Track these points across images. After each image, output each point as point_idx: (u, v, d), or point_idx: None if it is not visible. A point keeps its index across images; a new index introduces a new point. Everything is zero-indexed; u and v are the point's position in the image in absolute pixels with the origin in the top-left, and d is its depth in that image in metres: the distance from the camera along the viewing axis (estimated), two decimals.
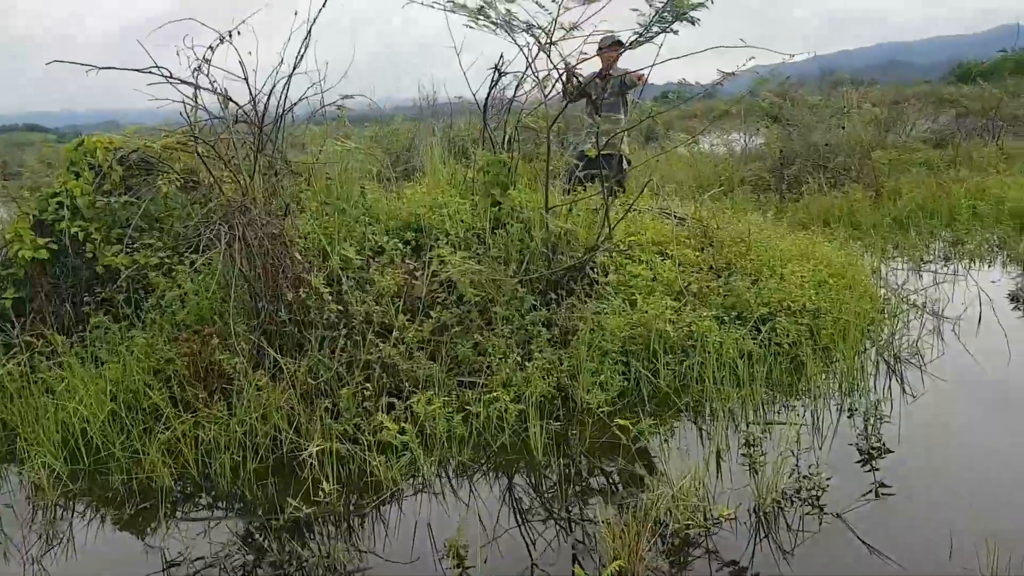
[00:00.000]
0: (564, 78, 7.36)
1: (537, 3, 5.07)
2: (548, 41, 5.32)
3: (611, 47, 7.51)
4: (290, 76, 4.97)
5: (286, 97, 5.13)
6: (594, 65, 7.88)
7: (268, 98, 5.02)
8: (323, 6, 4.80)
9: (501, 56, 5.86)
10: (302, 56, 4.92)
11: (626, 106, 7.78)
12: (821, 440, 3.98)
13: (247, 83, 4.88)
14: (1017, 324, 5.56)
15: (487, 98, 6.08)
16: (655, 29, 5.03)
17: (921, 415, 4.21)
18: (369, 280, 4.96)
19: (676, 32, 5.02)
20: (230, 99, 4.91)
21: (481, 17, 5.27)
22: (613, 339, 4.70)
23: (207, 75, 4.72)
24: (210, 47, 4.67)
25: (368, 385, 4.28)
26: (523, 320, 4.89)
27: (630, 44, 5.36)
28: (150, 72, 4.53)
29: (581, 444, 4.08)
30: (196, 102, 4.77)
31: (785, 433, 3.87)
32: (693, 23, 4.99)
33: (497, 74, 6.01)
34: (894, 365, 4.92)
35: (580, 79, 7.62)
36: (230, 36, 4.69)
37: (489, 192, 5.88)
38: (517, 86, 6.04)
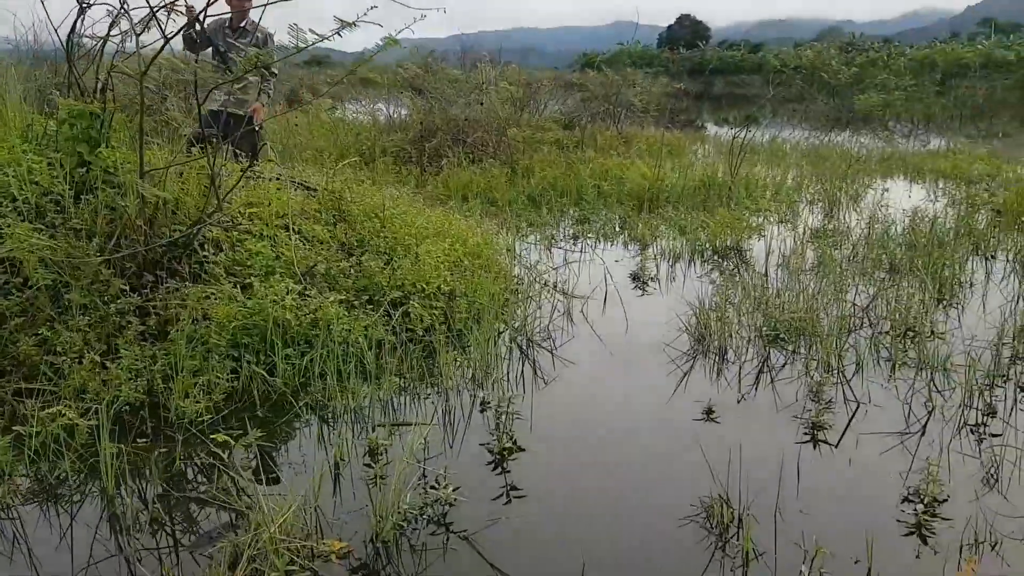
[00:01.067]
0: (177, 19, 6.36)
1: None
2: None
3: None
4: None
5: None
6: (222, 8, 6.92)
7: None
8: None
9: None
10: None
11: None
12: (452, 439, 3.57)
13: None
14: (638, 303, 5.66)
15: (70, 35, 4.91)
16: None
17: (551, 405, 3.98)
18: None
19: None
20: None
21: None
22: (221, 330, 3.93)
23: None
24: None
25: None
26: (107, 309, 3.93)
27: None
28: None
29: (169, 467, 3.28)
30: None
31: (414, 435, 3.41)
32: None
33: (82, 6, 4.87)
34: (527, 350, 4.70)
35: (202, 25, 6.63)
36: None
37: (75, 150, 4.76)
38: (112, 23, 4.94)
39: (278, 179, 5.63)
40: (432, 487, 3.06)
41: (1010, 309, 5.29)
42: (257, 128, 6.84)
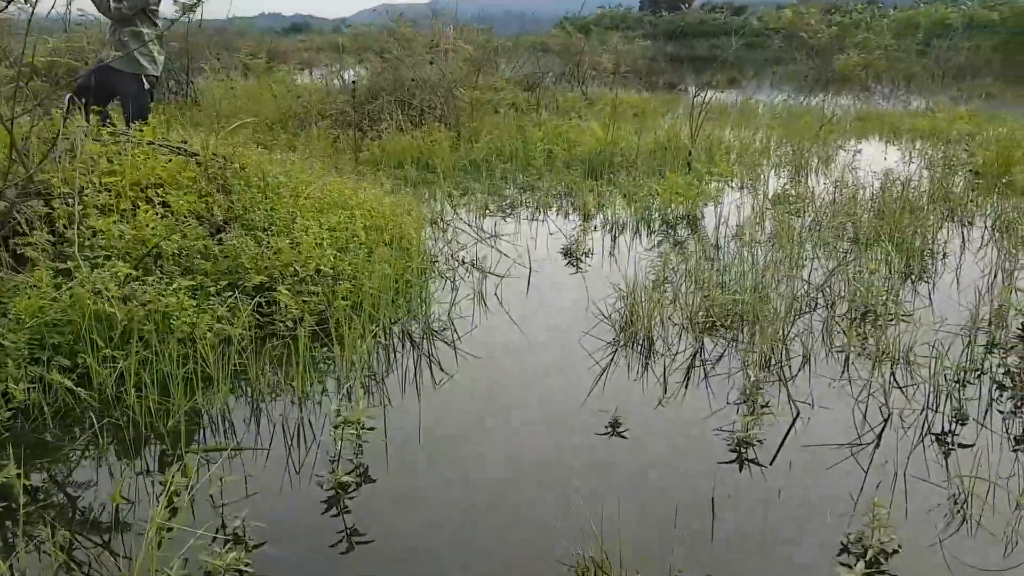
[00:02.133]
0: None
1: None
2: None
3: None
4: None
5: None
6: None
7: None
8: None
9: None
10: None
11: (153, 19, 6.08)
12: (290, 467, 2.82)
13: None
14: (566, 283, 4.89)
15: None
16: None
17: (433, 415, 3.22)
18: None
19: None
20: None
21: None
22: (22, 327, 3.14)
23: None
24: None
25: None
26: None
27: None
28: None
29: None
30: None
31: (225, 464, 2.66)
32: None
33: None
34: (421, 342, 3.94)
35: None
36: None
37: None
38: None
39: (151, 144, 4.81)
40: (231, 539, 2.31)
41: (986, 284, 4.55)
42: (147, 88, 6.00)
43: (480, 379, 3.61)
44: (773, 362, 3.64)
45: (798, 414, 3.20)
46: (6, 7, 3.50)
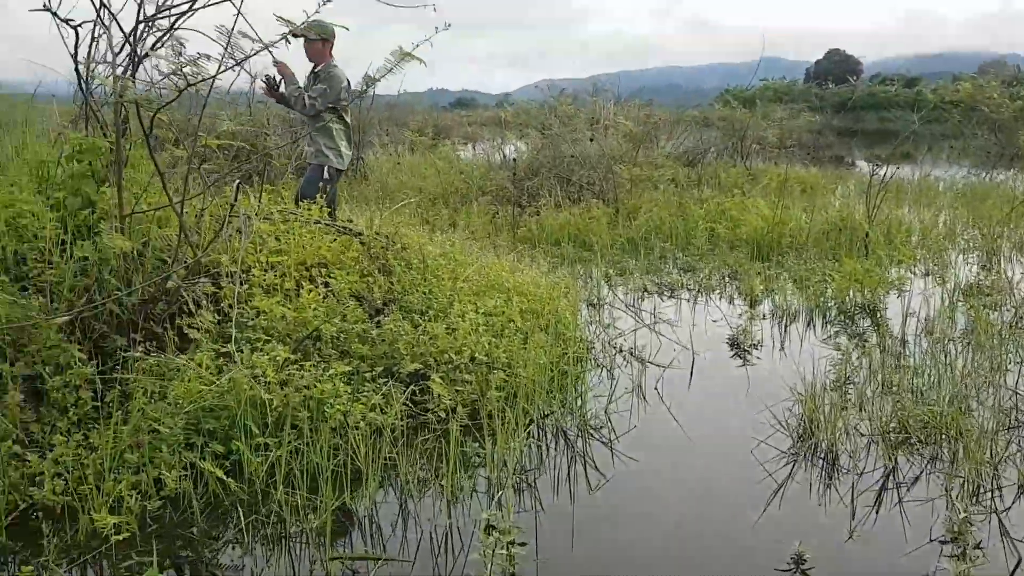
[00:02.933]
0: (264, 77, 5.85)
1: None
2: None
3: (306, 40, 5.89)
4: None
5: None
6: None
7: None
8: None
9: None
10: None
11: (343, 114, 6.13)
12: None
13: None
14: (733, 377, 4.49)
15: (81, 60, 4.31)
16: None
17: (587, 528, 2.92)
18: None
19: None
20: None
21: None
22: (177, 413, 3.10)
23: None
24: None
25: None
26: (53, 381, 3.20)
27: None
28: None
29: None
30: None
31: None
32: None
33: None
34: (576, 441, 3.66)
35: (273, 79, 5.98)
36: None
37: (80, 189, 4.15)
38: (136, 45, 4.31)
39: (318, 224, 4.84)
40: None
41: None
42: (326, 178, 6.01)
43: (639, 486, 3.28)
44: (982, 489, 3.11)
45: (1020, 560, 2.67)
46: (180, 94, 3.59)
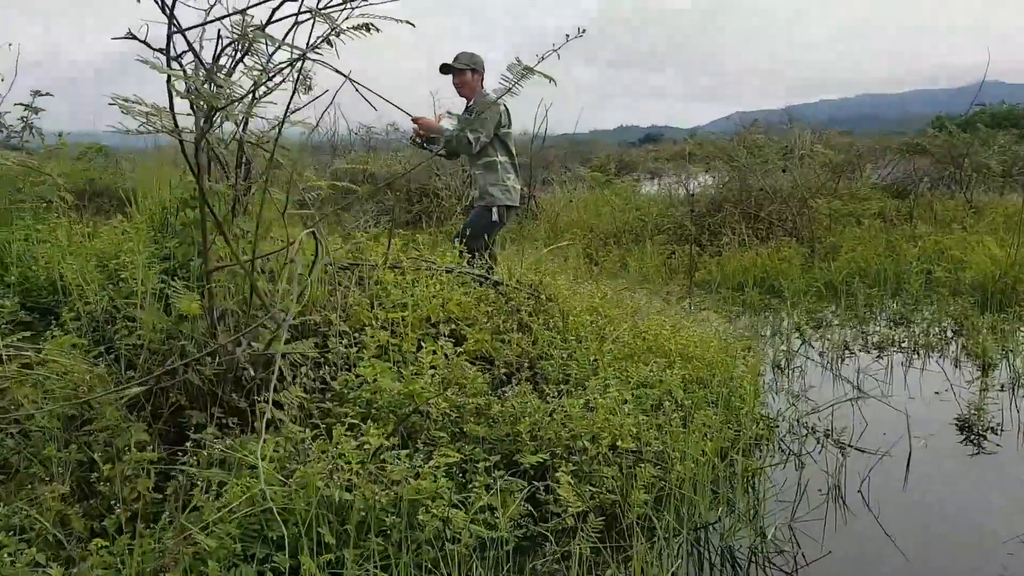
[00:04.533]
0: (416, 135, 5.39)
1: None
2: None
3: (453, 72, 5.31)
4: None
5: None
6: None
7: None
8: None
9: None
10: None
11: (507, 144, 5.48)
12: None
13: None
14: (966, 474, 3.36)
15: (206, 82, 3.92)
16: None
17: None
18: None
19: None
20: None
21: None
22: (230, 519, 2.47)
23: None
24: None
25: None
26: (109, 469, 2.68)
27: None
28: None
29: None
30: None
31: None
32: None
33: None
34: (748, 567, 2.71)
35: (421, 136, 5.45)
36: None
37: (193, 239, 3.76)
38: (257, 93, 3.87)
39: (449, 272, 4.19)
40: None
41: None
42: (494, 219, 5.34)
43: None
44: None
45: None
46: (277, 140, 3.04)
